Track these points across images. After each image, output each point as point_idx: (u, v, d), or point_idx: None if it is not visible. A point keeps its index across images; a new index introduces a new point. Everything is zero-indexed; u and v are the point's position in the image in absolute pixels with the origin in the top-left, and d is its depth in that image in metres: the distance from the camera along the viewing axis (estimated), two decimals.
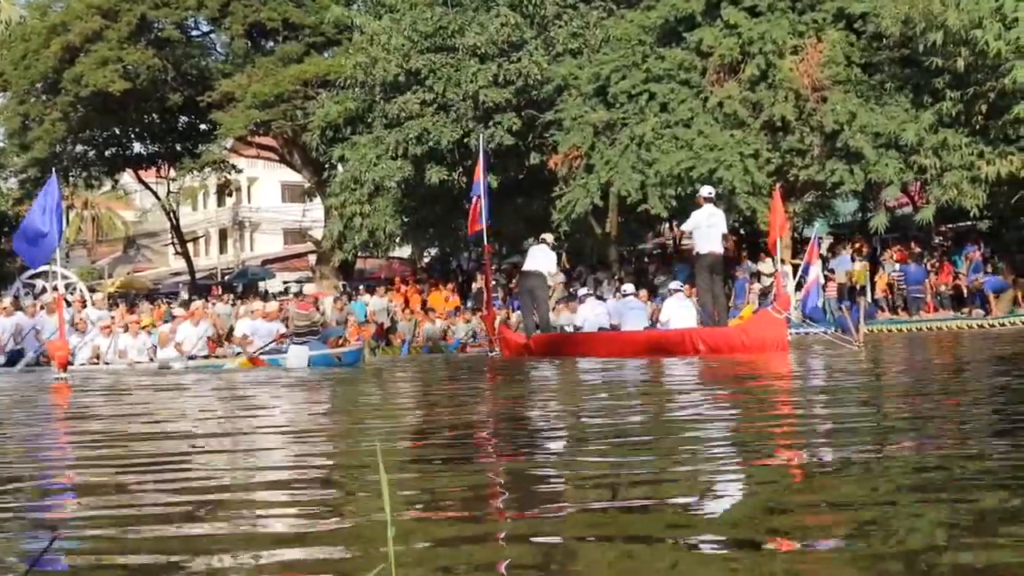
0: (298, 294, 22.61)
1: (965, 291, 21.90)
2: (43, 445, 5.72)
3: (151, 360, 17.80)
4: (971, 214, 21.24)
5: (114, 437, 5.76)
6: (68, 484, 3.98)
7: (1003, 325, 19.49)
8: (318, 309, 17.61)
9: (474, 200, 17.82)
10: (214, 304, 25.89)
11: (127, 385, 12.04)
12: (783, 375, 9.35)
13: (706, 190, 15.25)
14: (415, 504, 3.22)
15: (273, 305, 18.44)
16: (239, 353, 16.58)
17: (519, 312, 20.68)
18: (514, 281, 22.46)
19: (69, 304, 20.31)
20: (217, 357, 17.30)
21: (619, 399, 7.36)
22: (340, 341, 17.30)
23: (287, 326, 16.87)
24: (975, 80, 19.97)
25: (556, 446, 4.77)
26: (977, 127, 20.34)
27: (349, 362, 15.56)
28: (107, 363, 17.71)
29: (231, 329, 19.37)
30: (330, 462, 4.37)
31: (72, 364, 15.89)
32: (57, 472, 4.36)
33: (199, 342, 17.60)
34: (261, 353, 16.06)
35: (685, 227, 15.35)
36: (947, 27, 19.53)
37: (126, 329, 19.19)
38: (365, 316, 25.21)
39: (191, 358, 17.02)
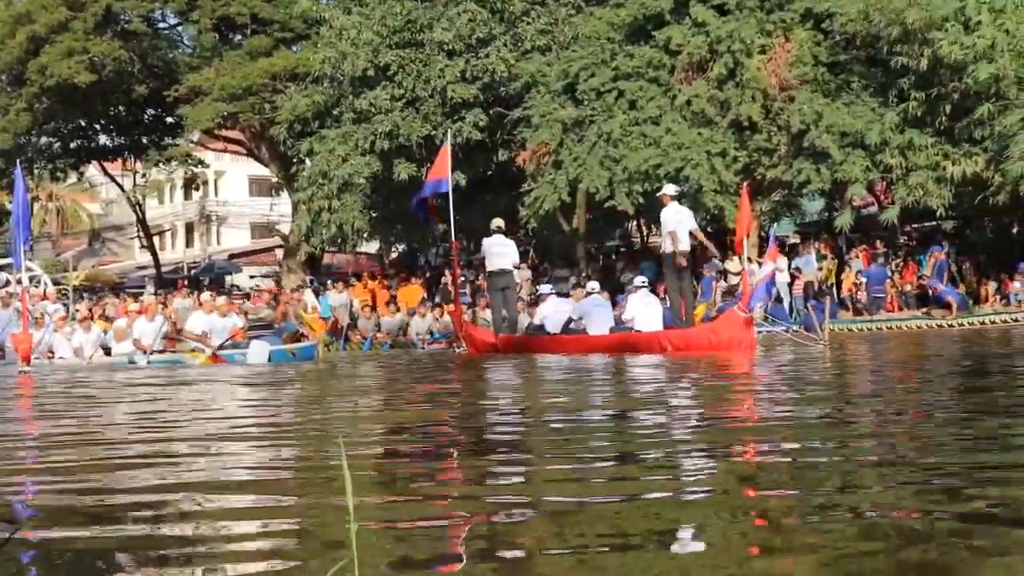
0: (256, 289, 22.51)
1: (930, 291, 22.05)
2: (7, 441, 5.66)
3: (106, 354, 17.69)
4: (936, 214, 21.43)
5: (80, 432, 5.71)
6: (32, 479, 3.95)
7: (962, 325, 19.65)
8: (270, 305, 17.59)
9: (429, 197, 17.86)
10: (172, 298, 25.73)
11: (92, 381, 11.94)
12: (756, 374, 9.39)
13: (671, 188, 15.20)
14: (380, 501, 3.21)
15: (222, 300, 18.29)
16: (193, 349, 16.51)
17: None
18: (481, 277, 22.40)
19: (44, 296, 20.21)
20: (175, 352, 17.22)
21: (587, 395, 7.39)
22: (297, 336, 17.26)
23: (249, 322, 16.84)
24: (938, 81, 20.15)
25: (524, 443, 4.78)
26: (941, 128, 20.51)
27: (303, 357, 15.61)
28: (61, 358, 17.53)
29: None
30: (294, 458, 4.36)
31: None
32: (20, 466, 4.33)
33: (156, 337, 17.46)
34: (218, 349, 15.98)
35: (669, 227, 14.82)
36: (906, 24, 19.69)
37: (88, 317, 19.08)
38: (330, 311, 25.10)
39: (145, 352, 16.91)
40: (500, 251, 16.59)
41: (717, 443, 4.56)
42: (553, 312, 16.72)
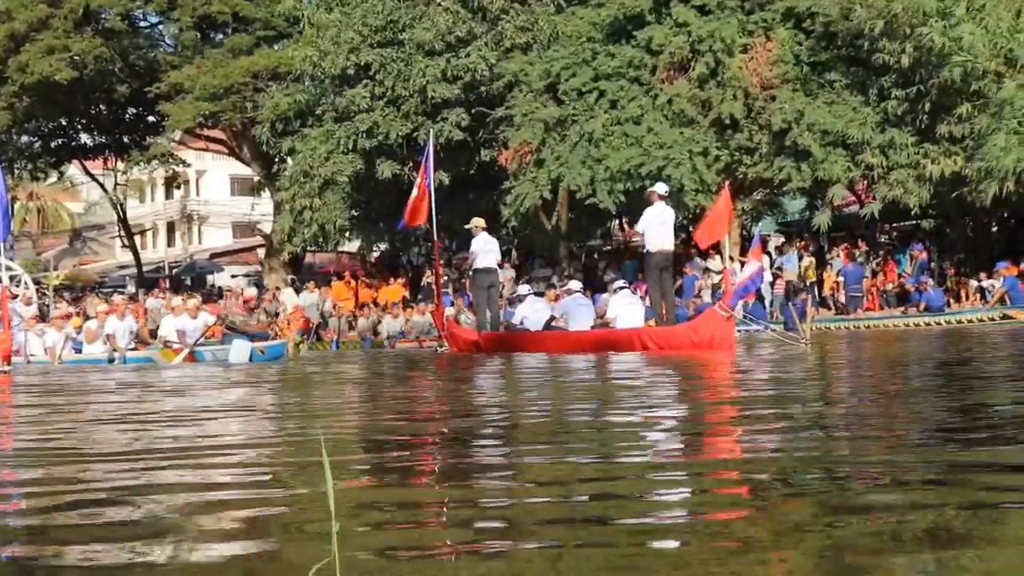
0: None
1: (912, 289, 22.14)
2: None
3: (78, 352, 17.76)
4: (913, 213, 21.52)
5: (56, 431, 5.69)
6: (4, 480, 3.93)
7: (939, 324, 19.73)
8: (252, 312, 17.79)
9: (415, 194, 17.76)
10: (145, 298, 25.77)
11: (71, 382, 11.91)
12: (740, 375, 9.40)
13: (660, 187, 15.18)
14: (361, 498, 3.21)
15: (193, 302, 18.44)
16: (166, 344, 16.69)
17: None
18: (465, 278, 22.43)
19: (15, 297, 20.14)
20: (148, 350, 17.34)
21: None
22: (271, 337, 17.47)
23: (223, 321, 16.97)
24: (919, 78, 20.24)
25: (503, 441, 4.77)
26: (922, 126, 20.61)
27: (273, 356, 15.70)
28: (32, 355, 17.53)
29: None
30: (275, 454, 4.34)
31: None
32: None
33: (128, 336, 17.55)
34: (195, 347, 16.17)
35: (639, 227, 15.03)
36: (892, 13, 19.77)
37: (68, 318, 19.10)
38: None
39: (116, 351, 16.99)
40: (489, 249, 16.65)
41: (698, 443, 4.57)
42: (531, 312, 16.71)
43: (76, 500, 3.38)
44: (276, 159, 32.07)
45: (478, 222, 16.97)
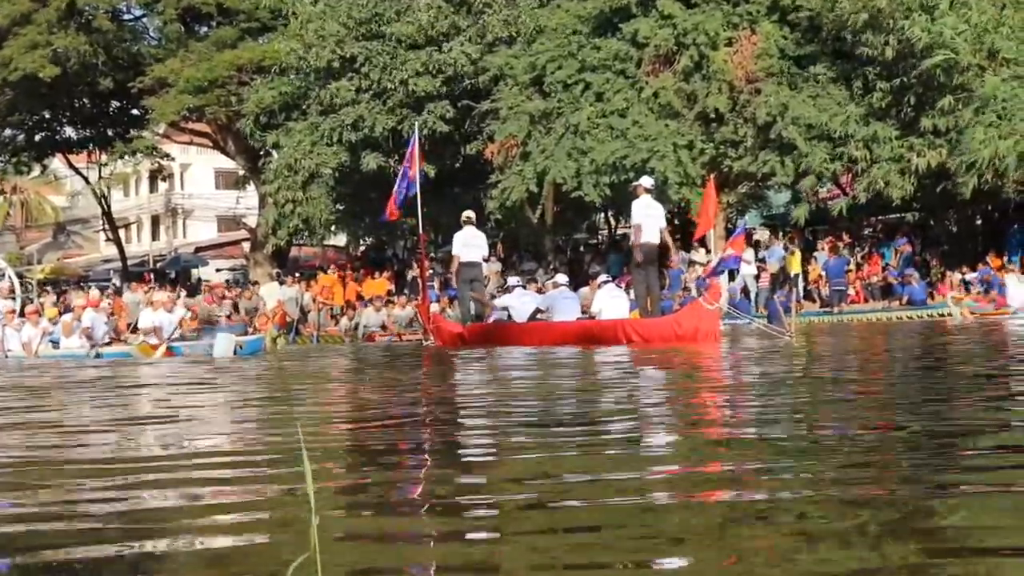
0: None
1: (896, 282, 22.19)
2: None
3: (55, 346, 17.74)
4: (896, 205, 21.56)
5: (41, 427, 5.67)
6: None
7: (920, 317, 19.77)
8: (221, 301, 17.84)
9: (395, 189, 17.73)
10: (123, 292, 25.75)
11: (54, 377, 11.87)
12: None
13: (646, 181, 15.19)
14: (341, 492, 3.21)
15: (164, 295, 18.49)
16: (143, 340, 16.74)
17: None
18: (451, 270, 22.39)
19: None
20: (124, 342, 17.34)
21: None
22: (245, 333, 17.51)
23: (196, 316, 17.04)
24: (903, 71, 20.29)
25: (487, 434, 4.77)
26: (906, 119, 20.66)
27: (251, 351, 15.70)
28: (10, 350, 17.49)
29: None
30: (257, 449, 4.34)
31: None
32: None
33: (105, 330, 17.55)
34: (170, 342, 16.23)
35: (635, 221, 15.00)
36: (877, 11, 19.81)
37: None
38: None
39: (94, 345, 16.97)
40: (469, 241, 16.63)
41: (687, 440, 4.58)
42: (518, 303, 16.70)
43: (59, 497, 3.37)
44: (261, 152, 31.98)
45: (467, 215, 16.98)
